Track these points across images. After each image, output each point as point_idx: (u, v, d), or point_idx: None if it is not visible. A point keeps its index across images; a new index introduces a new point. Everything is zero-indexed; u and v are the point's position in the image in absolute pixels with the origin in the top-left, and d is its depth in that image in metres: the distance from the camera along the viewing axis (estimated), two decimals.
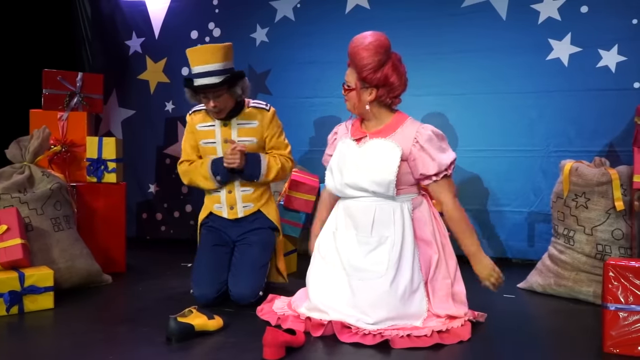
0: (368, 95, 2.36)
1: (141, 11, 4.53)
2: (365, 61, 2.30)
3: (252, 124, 2.83)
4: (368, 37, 2.32)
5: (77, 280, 2.97)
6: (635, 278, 2.08)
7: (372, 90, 2.35)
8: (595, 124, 3.54)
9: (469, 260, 2.40)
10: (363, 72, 2.32)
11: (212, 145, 2.84)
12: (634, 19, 3.44)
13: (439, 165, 2.33)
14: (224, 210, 2.87)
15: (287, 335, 2.07)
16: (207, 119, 2.86)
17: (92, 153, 3.44)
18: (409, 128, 2.37)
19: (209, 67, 2.66)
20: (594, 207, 2.87)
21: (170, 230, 4.54)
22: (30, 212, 2.92)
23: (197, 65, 2.68)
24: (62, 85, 3.65)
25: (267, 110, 2.87)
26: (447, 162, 2.35)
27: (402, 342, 2.13)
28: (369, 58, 2.30)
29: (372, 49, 2.30)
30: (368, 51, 2.30)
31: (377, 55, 2.30)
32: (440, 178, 2.35)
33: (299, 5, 4.16)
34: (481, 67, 3.76)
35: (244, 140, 2.81)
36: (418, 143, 2.33)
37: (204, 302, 2.64)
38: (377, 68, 2.31)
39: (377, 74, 2.31)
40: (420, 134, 2.34)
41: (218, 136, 2.83)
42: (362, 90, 2.36)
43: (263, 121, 2.84)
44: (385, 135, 2.38)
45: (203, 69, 2.67)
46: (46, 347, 2.21)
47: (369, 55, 2.29)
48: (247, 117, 2.83)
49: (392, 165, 2.31)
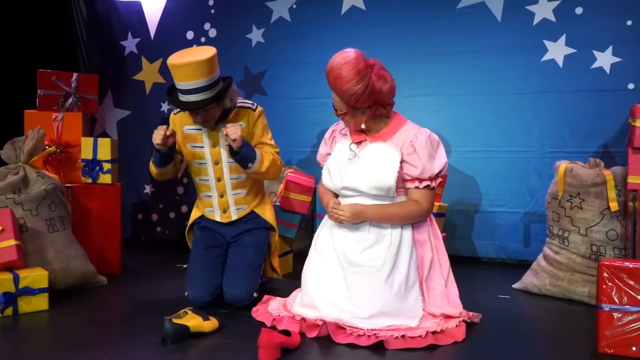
0: (362, 115, 2.35)
1: (137, 11, 4.53)
2: (350, 92, 2.23)
3: (240, 125, 2.71)
4: (343, 67, 2.22)
5: (71, 282, 2.96)
6: (629, 279, 2.09)
7: (365, 110, 2.34)
8: (590, 125, 3.55)
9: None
10: (351, 102, 2.28)
11: (200, 149, 2.77)
12: (629, 20, 3.45)
13: (423, 170, 2.31)
14: (216, 214, 2.84)
15: (282, 336, 2.07)
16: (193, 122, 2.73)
17: (87, 154, 3.43)
18: (407, 131, 2.38)
19: (195, 83, 2.49)
20: (588, 208, 2.88)
21: (166, 231, 4.53)
22: (24, 213, 2.91)
23: (181, 81, 2.51)
24: (57, 86, 3.64)
25: (254, 110, 2.77)
26: (432, 171, 2.33)
27: (397, 343, 2.14)
28: (353, 88, 2.22)
29: (353, 77, 2.21)
30: (349, 81, 2.22)
31: (360, 82, 2.22)
32: (422, 187, 2.34)
33: (295, 6, 4.17)
34: (476, 68, 3.77)
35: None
36: (412, 145, 2.34)
37: (199, 305, 2.63)
38: (363, 92, 2.23)
39: (365, 98, 2.26)
40: (416, 137, 2.34)
41: (206, 140, 2.76)
42: (354, 113, 2.35)
43: (249, 121, 2.76)
44: (385, 139, 2.38)
45: (188, 85, 2.50)
46: (41, 349, 2.20)
47: (351, 85, 2.22)
48: (235, 118, 2.75)
49: (392, 171, 2.32)
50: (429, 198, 2.36)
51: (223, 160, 2.76)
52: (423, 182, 2.34)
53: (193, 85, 2.50)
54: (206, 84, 2.52)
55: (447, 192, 3.68)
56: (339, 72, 2.24)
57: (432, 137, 2.37)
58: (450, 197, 3.75)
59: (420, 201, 2.35)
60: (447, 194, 3.68)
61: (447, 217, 3.73)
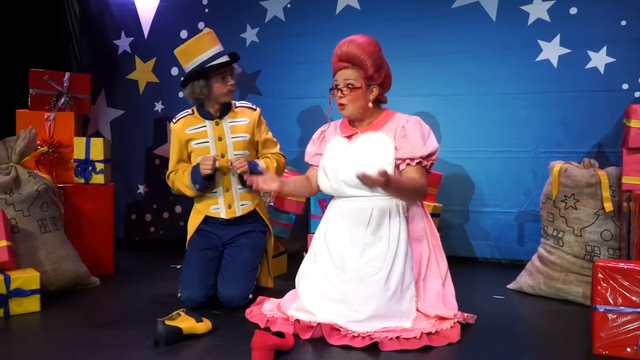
0: (371, 93, 2.39)
1: (130, 10, 4.50)
2: (370, 60, 2.33)
3: (243, 121, 2.88)
4: (362, 38, 2.36)
5: (64, 283, 2.94)
6: (624, 279, 2.09)
7: (375, 87, 2.38)
8: (584, 125, 3.55)
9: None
10: (369, 70, 2.34)
11: (206, 144, 2.83)
12: (623, 21, 3.45)
13: (414, 149, 2.31)
14: (221, 211, 2.85)
15: (275, 338, 2.05)
16: (195, 122, 2.86)
17: (79, 154, 3.41)
18: (398, 119, 2.41)
19: (217, 48, 2.80)
20: (583, 208, 2.88)
21: (160, 231, 4.51)
22: (16, 213, 2.88)
23: (205, 52, 2.75)
24: (49, 85, 3.61)
25: (254, 110, 2.93)
26: (424, 151, 2.32)
27: (391, 344, 2.13)
28: (373, 55, 2.33)
29: (373, 48, 2.34)
30: (370, 49, 2.33)
31: (379, 53, 2.36)
32: (415, 164, 2.33)
33: (290, 5, 4.15)
34: (471, 68, 3.77)
35: (237, 137, 2.84)
36: (404, 128, 2.35)
37: (191, 306, 2.62)
38: (380, 66, 2.36)
39: (381, 71, 2.36)
40: (407, 121, 2.37)
41: (211, 135, 2.83)
42: (368, 87, 2.38)
43: (252, 119, 2.89)
44: (377, 129, 2.39)
45: (214, 50, 2.78)
46: (32, 351, 2.18)
47: (371, 53, 2.33)
48: (237, 115, 2.89)
49: (388, 157, 2.33)
50: (423, 174, 2.35)
51: (229, 153, 2.82)
52: (415, 160, 2.33)
53: (217, 50, 2.79)
54: (223, 49, 2.84)
55: (442, 192, 3.68)
56: (361, 40, 2.34)
57: (423, 123, 2.40)
58: (445, 197, 3.74)
59: (415, 174, 2.33)
60: (442, 194, 3.68)
61: (442, 217, 3.73)
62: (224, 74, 2.78)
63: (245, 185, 2.79)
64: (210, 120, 2.84)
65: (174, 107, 4.11)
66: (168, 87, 4.43)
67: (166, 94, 4.44)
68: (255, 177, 2.43)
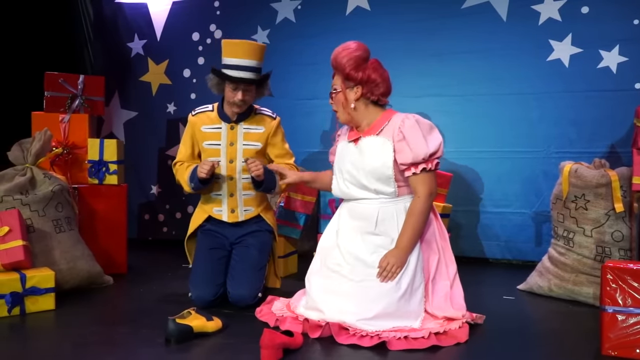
0: (353, 94, 2.41)
1: (143, 13, 4.55)
2: (345, 59, 2.39)
3: (258, 129, 2.86)
4: (345, 44, 2.44)
5: (78, 282, 2.99)
6: (633, 280, 2.08)
7: (357, 88, 2.40)
8: (596, 125, 3.53)
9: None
10: (345, 69, 2.39)
11: (217, 147, 2.83)
12: (635, 20, 3.43)
13: (415, 155, 2.30)
14: (224, 214, 2.86)
15: (284, 337, 2.07)
16: (213, 121, 2.85)
17: (93, 155, 3.46)
18: (395, 120, 2.39)
19: (248, 62, 2.74)
20: (593, 209, 2.86)
21: (172, 231, 4.56)
22: (32, 214, 2.93)
23: (236, 58, 2.74)
24: (63, 88, 3.67)
25: (274, 119, 2.90)
26: (426, 153, 2.31)
27: (399, 344, 2.14)
28: (349, 55, 2.38)
29: (352, 49, 2.40)
30: (348, 51, 2.39)
31: (357, 52, 2.39)
32: (420, 172, 2.33)
33: (300, 7, 4.17)
34: (482, 68, 3.76)
35: (249, 144, 2.83)
36: (401, 132, 2.34)
37: (202, 305, 2.65)
38: (358, 65, 2.38)
39: (358, 71, 2.38)
40: (403, 123, 2.35)
41: (224, 139, 2.83)
42: (348, 90, 2.42)
43: (269, 128, 2.87)
44: (376, 132, 2.40)
45: (241, 62, 2.74)
46: (46, 348, 2.22)
47: (348, 53, 2.39)
48: (255, 122, 2.86)
49: (387, 160, 2.33)
50: (427, 182, 2.34)
51: (238, 159, 2.82)
52: (419, 166, 2.32)
53: (247, 63, 2.74)
54: (256, 65, 2.77)
55: (453, 193, 3.67)
56: (342, 46, 2.43)
57: (421, 120, 2.37)
58: (456, 197, 3.74)
59: (418, 191, 2.34)
60: (453, 194, 3.68)
61: (452, 218, 3.72)
62: (236, 85, 2.73)
63: (258, 187, 2.78)
64: (227, 122, 2.83)
65: (186, 109, 4.15)
66: (180, 89, 4.48)
67: (178, 96, 4.48)
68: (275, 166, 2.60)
